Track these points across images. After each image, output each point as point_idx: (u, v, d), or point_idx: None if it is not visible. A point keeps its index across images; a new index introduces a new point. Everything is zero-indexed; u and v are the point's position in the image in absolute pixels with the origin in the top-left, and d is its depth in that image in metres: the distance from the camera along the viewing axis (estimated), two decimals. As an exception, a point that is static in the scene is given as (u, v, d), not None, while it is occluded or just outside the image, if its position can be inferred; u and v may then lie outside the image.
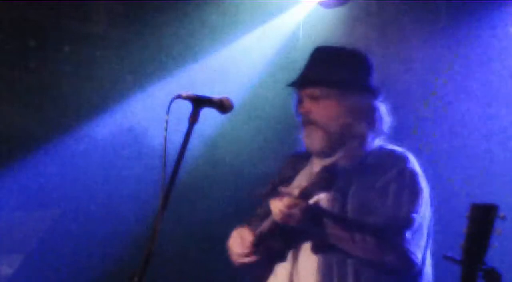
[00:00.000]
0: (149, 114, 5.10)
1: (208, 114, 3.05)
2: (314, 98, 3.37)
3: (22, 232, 5.08)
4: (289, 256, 3.27)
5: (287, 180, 3.43)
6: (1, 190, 4.98)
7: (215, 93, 3.06)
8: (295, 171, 3.47)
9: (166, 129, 2.88)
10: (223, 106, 3.04)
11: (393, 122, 3.57)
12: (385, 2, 5.08)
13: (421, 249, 3.25)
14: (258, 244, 3.28)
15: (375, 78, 3.52)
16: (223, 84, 5.02)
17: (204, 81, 5.05)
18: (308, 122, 3.36)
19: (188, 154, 2.95)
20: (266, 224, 3.26)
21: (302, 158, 3.50)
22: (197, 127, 2.96)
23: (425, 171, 3.44)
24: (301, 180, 3.38)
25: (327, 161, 3.36)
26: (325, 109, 3.34)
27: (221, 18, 5.29)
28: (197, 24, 5.28)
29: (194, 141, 2.98)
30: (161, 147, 2.85)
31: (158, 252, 2.80)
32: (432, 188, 3.45)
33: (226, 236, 3.43)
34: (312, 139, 3.36)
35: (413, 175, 3.33)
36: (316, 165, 3.40)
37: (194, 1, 5.25)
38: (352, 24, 5.23)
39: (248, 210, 3.88)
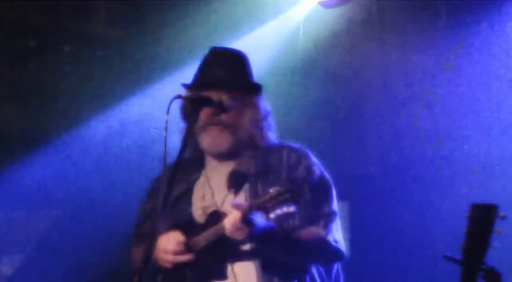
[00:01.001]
0: (149, 114, 5.09)
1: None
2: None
3: (22, 232, 5.08)
4: (229, 272, 3.22)
5: (182, 194, 3.37)
6: (1, 190, 4.98)
7: (215, 93, 3.06)
8: (190, 183, 3.40)
9: (166, 129, 2.88)
10: (223, 106, 3.05)
11: (392, 122, 3.58)
12: (385, 2, 5.08)
13: (342, 235, 3.33)
14: (190, 250, 3.21)
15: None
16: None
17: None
18: (212, 123, 3.31)
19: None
20: (201, 239, 3.19)
21: (188, 169, 3.41)
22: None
23: (425, 170, 3.44)
24: (205, 191, 3.34)
25: (230, 164, 3.36)
26: (234, 112, 3.31)
27: (221, 18, 5.29)
28: (197, 24, 5.28)
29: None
30: (161, 147, 2.86)
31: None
32: (433, 188, 3.45)
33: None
34: (219, 140, 3.33)
35: (319, 169, 3.37)
36: (213, 175, 3.37)
37: (194, 1, 5.25)
38: (352, 24, 5.23)
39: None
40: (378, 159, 3.45)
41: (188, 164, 3.39)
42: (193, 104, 3.09)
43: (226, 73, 3.36)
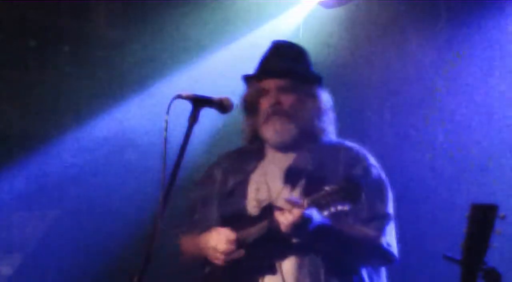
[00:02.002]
0: (149, 114, 5.09)
1: (208, 114, 3.05)
2: (283, 90, 3.36)
3: (22, 232, 5.08)
4: (277, 268, 3.23)
5: (238, 184, 3.39)
6: (1, 190, 4.98)
7: (216, 93, 3.07)
8: (246, 174, 3.41)
9: (166, 130, 2.88)
10: (223, 106, 3.05)
11: (392, 122, 3.59)
12: (385, 2, 5.08)
13: (395, 239, 3.30)
14: (240, 246, 3.22)
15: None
16: (223, 84, 5.02)
17: (204, 81, 5.05)
18: (276, 113, 3.33)
19: (188, 153, 2.95)
20: (252, 232, 3.21)
21: (245, 160, 3.44)
22: (197, 127, 2.97)
23: (425, 170, 3.45)
24: (260, 184, 3.34)
25: (290, 156, 3.35)
26: (296, 102, 3.34)
27: (221, 18, 5.29)
28: (197, 25, 5.28)
29: (194, 140, 2.98)
30: (161, 147, 2.85)
31: (158, 252, 2.80)
32: (432, 188, 3.45)
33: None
34: (282, 131, 3.34)
35: (377, 171, 3.35)
36: (270, 168, 3.37)
37: (194, 1, 5.25)
38: (352, 24, 5.23)
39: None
40: (378, 159, 3.45)
41: (246, 154, 3.43)
42: (193, 104, 3.08)
43: (286, 63, 3.38)
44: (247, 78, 3.48)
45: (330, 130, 3.41)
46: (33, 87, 5.09)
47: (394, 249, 3.29)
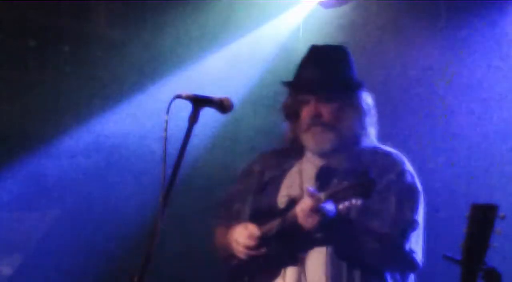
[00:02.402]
0: (149, 114, 5.09)
1: (208, 114, 3.05)
2: (322, 100, 3.38)
3: (22, 232, 5.08)
4: (299, 260, 3.28)
5: (273, 180, 3.45)
6: (1, 190, 4.97)
7: (216, 93, 3.07)
8: (282, 171, 3.47)
9: (166, 130, 2.88)
10: (223, 106, 3.05)
11: (393, 123, 3.59)
12: (385, 2, 5.08)
13: (421, 247, 3.31)
14: (264, 241, 3.28)
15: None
16: (223, 84, 5.02)
17: (204, 81, 5.04)
18: (316, 124, 3.36)
19: (188, 154, 2.95)
20: (275, 224, 3.26)
21: (283, 159, 3.50)
22: (197, 127, 2.97)
23: (425, 170, 3.45)
24: (294, 181, 3.39)
25: (326, 158, 3.39)
26: (334, 112, 3.36)
27: (221, 19, 5.29)
28: (197, 25, 5.28)
29: (194, 141, 2.98)
30: (161, 147, 2.85)
31: (158, 252, 2.80)
32: (432, 188, 3.46)
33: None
34: (322, 141, 3.37)
35: (411, 177, 3.37)
36: (306, 167, 3.42)
37: (194, 1, 5.24)
38: (352, 24, 5.23)
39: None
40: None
41: (285, 153, 3.47)
42: (193, 104, 3.08)
43: (324, 72, 3.38)
44: (288, 86, 3.49)
45: (370, 134, 3.44)
46: (33, 87, 5.08)
47: (418, 256, 3.30)
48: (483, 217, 2.45)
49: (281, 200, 3.39)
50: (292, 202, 3.28)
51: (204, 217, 5.18)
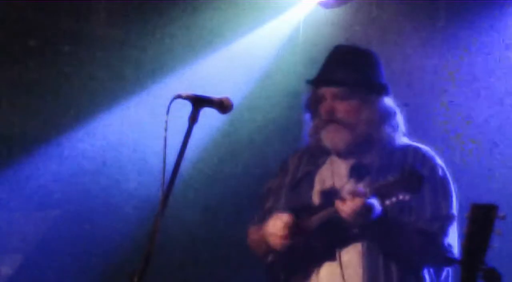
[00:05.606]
0: (149, 114, 5.09)
1: (208, 114, 3.05)
2: (338, 97, 3.39)
3: (22, 232, 5.08)
4: (336, 256, 3.28)
5: (306, 175, 3.47)
6: (1, 190, 4.97)
7: (215, 93, 3.07)
8: (316, 166, 3.48)
9: (166, 130, 2.88)
10: (223, 106, 3.04)
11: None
12: (385, 2, 5.08)
13: (457, 241, 3.30)
14: (299, 233, 3.27)
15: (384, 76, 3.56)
16: (223, 84, 5.02)
17: (204, 81, 5.04)
18: (331, 121, 3.38)
19: (188, 154, 2.94)
20: (317, 218, 3.26)
21: (316, 154, 3.52)
22: (197, 127, 2.97)
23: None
24: (326, 177, 3.41)
25: (352, 160, 3.39)
26: (350, 109, 3.37)
27: (220, 18, 5.29)
28: (197, 25, 5.28)
29: (194, 141, 2.98)
30: (161, 147, 2.85)
31: (158, 252, 2.80)
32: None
33: (227, 236, 3.44)
34: (336, 138, 3.39)
35: (443, 172, 3.39)
36: (337, 163, 3.43)
37: (194, 1, 5.24)
38: (352, 24, 5.23)
39: (249, 210, 3.88)
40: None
41: (318, 149, 3.47)
42: (193, 104, 3.08)
43: (344, 71, 3.39)
44: (308, 83, 3.53)
45: (394, 135, 3.43)
46: (33, 87, 5.08)
47: (455, 250, 3.30)
48: (483, 217, 2.44)
49: (316, 196, 3.40)
50: (328, 198, 3.28)
51: (203, 217, 5.20)
